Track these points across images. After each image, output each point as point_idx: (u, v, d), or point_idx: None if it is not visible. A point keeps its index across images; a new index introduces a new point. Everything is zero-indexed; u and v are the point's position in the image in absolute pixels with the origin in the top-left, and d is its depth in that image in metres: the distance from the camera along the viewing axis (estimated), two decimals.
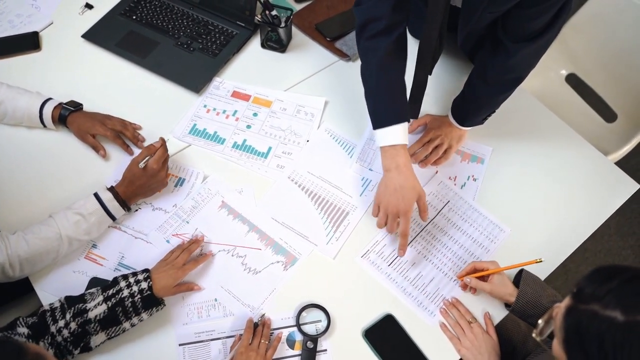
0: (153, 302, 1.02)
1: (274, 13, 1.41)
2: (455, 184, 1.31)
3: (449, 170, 1.33)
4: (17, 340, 0.82)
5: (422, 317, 1.13)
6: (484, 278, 1.13)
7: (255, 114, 1.38)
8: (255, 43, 1.51)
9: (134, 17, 1.51)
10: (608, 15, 1.66)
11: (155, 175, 1.15)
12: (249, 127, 1.36)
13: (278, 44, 1.48)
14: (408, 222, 1.13)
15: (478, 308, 1.15)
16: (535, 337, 0.78)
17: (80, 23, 1.50)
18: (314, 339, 1.08)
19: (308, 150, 1.33)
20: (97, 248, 1.16)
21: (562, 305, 0.70)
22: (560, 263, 1.22)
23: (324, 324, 1.10)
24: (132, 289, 1.01)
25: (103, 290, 1.00)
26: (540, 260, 1.09)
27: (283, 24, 1.42)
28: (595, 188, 1.33)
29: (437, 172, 1.33)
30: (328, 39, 1.51)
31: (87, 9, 1.54)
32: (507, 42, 1.10)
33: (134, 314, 1.01)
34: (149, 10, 1.52)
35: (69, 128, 1.27)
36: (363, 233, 1.22)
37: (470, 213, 1.27)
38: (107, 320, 0.98)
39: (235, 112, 1.38)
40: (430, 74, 1.24)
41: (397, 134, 1.14)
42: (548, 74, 1.85)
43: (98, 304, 0.98)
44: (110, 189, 1.14)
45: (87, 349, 0.99)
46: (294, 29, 1.53)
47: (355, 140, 1.35)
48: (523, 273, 1.12)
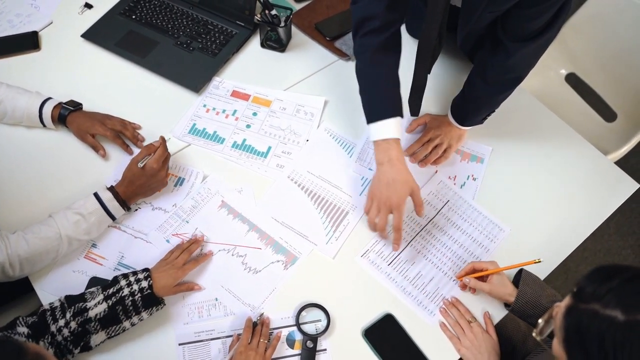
0: (153, 301, 1.02)
1: (274, 12, 1.41)
2: (455, 184, 1.31)
3: (449, 170, 1.33)
4: (17, 340, 0.82)
5: (421, 316, 1.13)
6: (483, 278, 1.13)
7: (255, 114, 1.38)
8: (255, 43, 1.51)
9: (134, 16, 1.51)
10: (608, 15, 1.66)
11: (155, 175, 1.15)
12: (249, 126, 1.36)
13: (278, 44, 1.48)
14: (401, 215, 1.13)
15: (478, 307, 1.15)
16: (536, 336, 0.78)
17: (80, 23, 1.49)
18: (314, 339, 1.08)
19: (308, 150, 1.33)
20: (96, 248, 1.16)
21: (562, 305, 0.70)
22: (560, 262, 1.22)
23: (324, 324, 1.10)
24: (132, 288, 1.01)
25: (103, 289, 1.00)
26: (539, 261, 1.09)
27: (283, 24, 1.42)
28: (595, 187, 1.33)
29: (436, 171, 1.33)
30: (328, 39, 1.51)
31: (86, 9, 1.54)
32: (506, 41, 1.10)
33: (134, 313, 1.01)
34: (149, 10, 1.52)
35: (69, 128, 1.27)
36: (363, 232, 1.22)
37: (470, 212, 1.27)
38: (107, 319, 0.98)
39: (235, 111, 1.38)
40: (429, 73, 1.24)
41: (389, 128, 1.14)
42: (548, 74, 1.85)
43: (98, 303, 0.98)
44: (110, 189, 1.14)
45: (87, 348, 0.99)
46: (294, 29, 1.53)
47: (355, 140, 1.35)
48: (522, 273, 1.12)
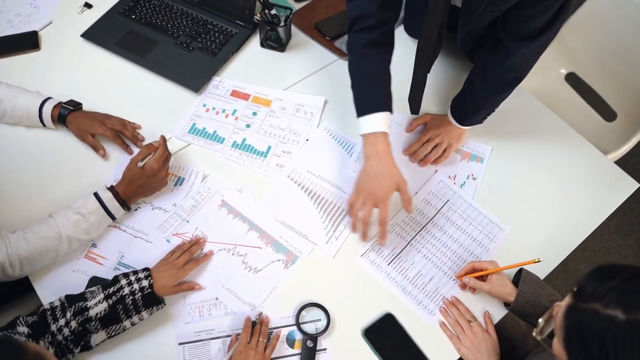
0: (154, 300, 1.02)
1: (274, 12, 1.41)
2: (455, 183, 1.31)
3: (449, 169, 1.33)
4: (17, 340, 0.82)
5: (421, 316, 1.13)
6: (483, 278, 1.13)
7: (255, 113, 1.38)
8: (255, 42, 1.51)
9: (133, 16, 1.51)
10: (607, 14, 1.66)
11: (155, 175, 1.15)
12: (249, 126, 1.36)
13: (277, 43, 1.48)
14: (386, 209, 1.13)
15: (478, 307, 1.15)
16: (536, 336, 0.78)
17: (80, 22, 1.49)
18: (314, 338, 1.08)
19: (307, 150, 1.33)
20: (96, 247, 1.16)
21: (562, 304, 0.70)
22: (560, 262, 1.22)
23: (324, 323, 1.10)
24: (132, 287, 1.01)
25: (104, 289, 1.00)
26: (539, 260, 1.09)
27: (282, 23, 1.42)
28: (595, 187, 1.33)
29: (436, 171, 1.33)
30: (327, 38, 1.51)
31: (86, 8, 1.54)
32: (507, 41, 1.10)
33: (135, 312, 1.01)
34: (148, 10, 1.52)
35: (69, 127, 1.27)
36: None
37: (470, 212, 1.27)
38: (107, 319, 0.98)
39: (235, 111, 1.38)
40: (429, 72, 1.24)
41: (378, 122, 1.15)
42: (547, 73, 1.85)
43: (99, 302, 0.98)
44: (110, 189, 1.13)
45: (87, 348, 0.99)
46: (294, 28, 1.53)
47: (355, 139, 1.35)
48: (522, 272, 1.12)
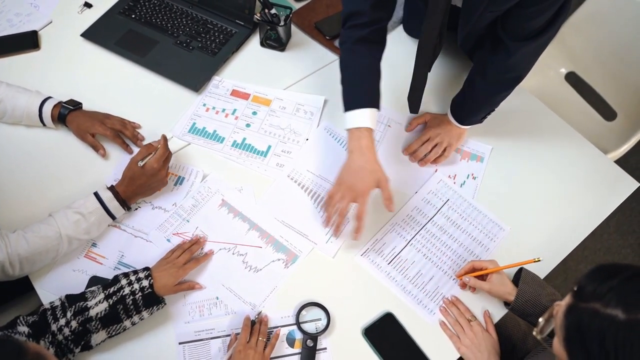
0: (154, 300, 1.03)
1: (273, 11, 1.41)
2: (455, 183, 1.31)
3: (449, 169, 1.33)
4: (17, 339, 0.83)
5: (421, 315, 1.13)
6: (483, 277, 1.13)
7: (255, 113, 1.38)
8: (255, 42, 1.51)
9: (133, 15, 1.51)
10: (607, 14, 1.66)
11: (155, 174, 1.15)
12: (249, 125, 1.36)
13: (277, 43, 1.48)
14: (364, 204, 1.13)
15: (478, 306, 1.15)
16: (536, 335, 0.79)
17: (80, 22, 1.49)
18: (314, 338, 1.08)
19: (307, 149, 1.33)
20: (96, 247, 1.16)
21: (562, 304, 0.70)
22: (560, 261, 1.22)
23: (324, 323, 1.10)
24: (133, 287, 1.01)
25: (104, 288, 1.00)
26: (539, 260, 1.09)
27: (282, 23, 1.42)
28: (595, 186, 1.33)
29: (436, 170, 1.33)
30: (327, 38, 1.51)
31: (86, 8, 1.54)
32: (507, 40, 1.10)
33: (135, 312, 1.01)
34: (148, 9, 1.52)
35: (69, 127, 1.27)
36: (363, 231, 1.22)
37: (470, 211, 1.27)
38: (108, 318, 0.98)
39: (235, 110, 1.38)
40: (429, 71, 1.24)
41: (363, 117, 1.15)
42: (547, 73, 1.85)
43: (99, 302, 0.98)
44: (110, 188, 1.13)
45: (87, 348, 0.99)
46: (294, 28, 1.53)
47: None
48: (522, 272, 1.12)
